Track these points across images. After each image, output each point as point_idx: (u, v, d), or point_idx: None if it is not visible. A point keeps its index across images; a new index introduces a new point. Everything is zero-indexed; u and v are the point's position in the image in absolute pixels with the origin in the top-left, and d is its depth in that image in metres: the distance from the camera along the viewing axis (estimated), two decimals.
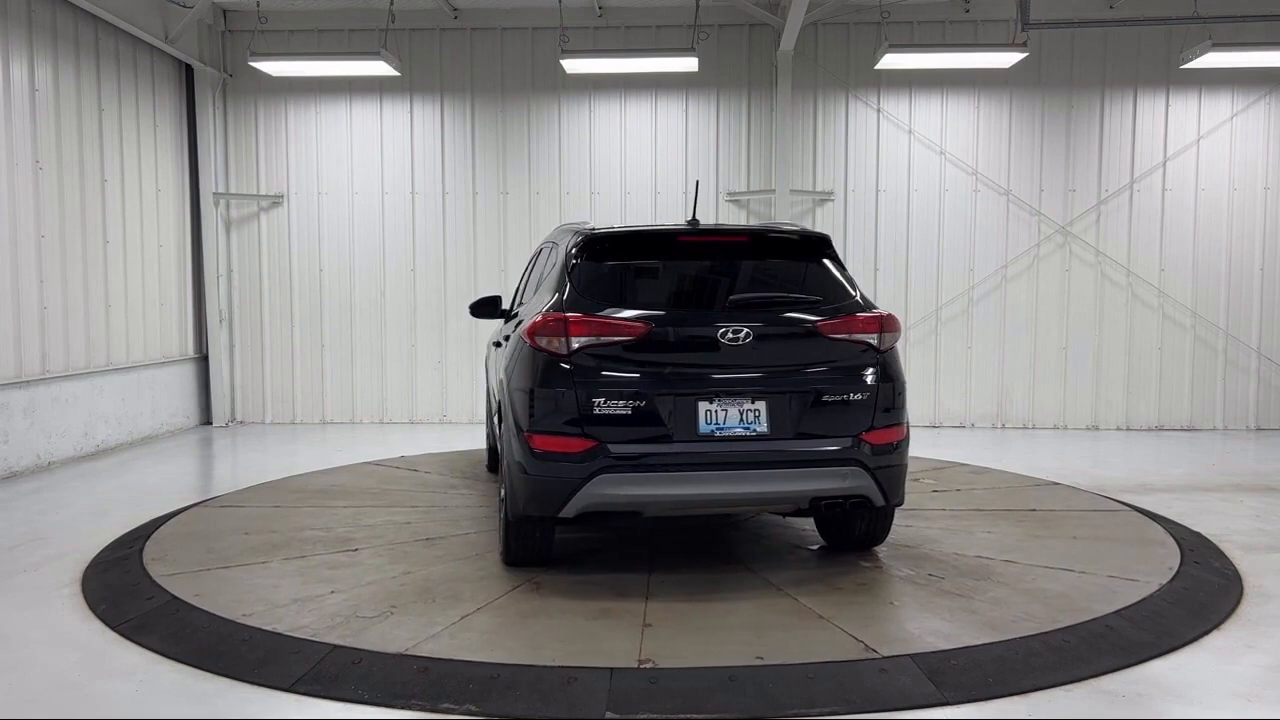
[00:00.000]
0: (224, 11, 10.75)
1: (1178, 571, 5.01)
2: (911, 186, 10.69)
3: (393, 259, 10.98)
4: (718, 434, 4.57)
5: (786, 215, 10.45)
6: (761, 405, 4.61)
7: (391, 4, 9.89)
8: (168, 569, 5.21)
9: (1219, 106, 10.45)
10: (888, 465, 4.73)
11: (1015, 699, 3.56)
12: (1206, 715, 3.46)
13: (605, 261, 4.95)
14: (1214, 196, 10.52)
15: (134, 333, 9.72)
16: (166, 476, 7.99)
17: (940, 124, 10.65)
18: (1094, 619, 4.27)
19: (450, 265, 10.92)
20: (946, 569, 5.06)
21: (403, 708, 3.50)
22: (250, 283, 11.11)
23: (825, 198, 10.70)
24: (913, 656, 3.85)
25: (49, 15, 8.47)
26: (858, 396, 4.69)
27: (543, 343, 4.63)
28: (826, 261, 5.09)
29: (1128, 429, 10.66)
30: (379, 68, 9.56)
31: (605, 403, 4.50)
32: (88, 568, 5.23)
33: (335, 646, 3.97)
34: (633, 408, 4.50)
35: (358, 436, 10.11)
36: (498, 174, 10.91)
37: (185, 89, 10.69)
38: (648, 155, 10.82)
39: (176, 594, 4.74)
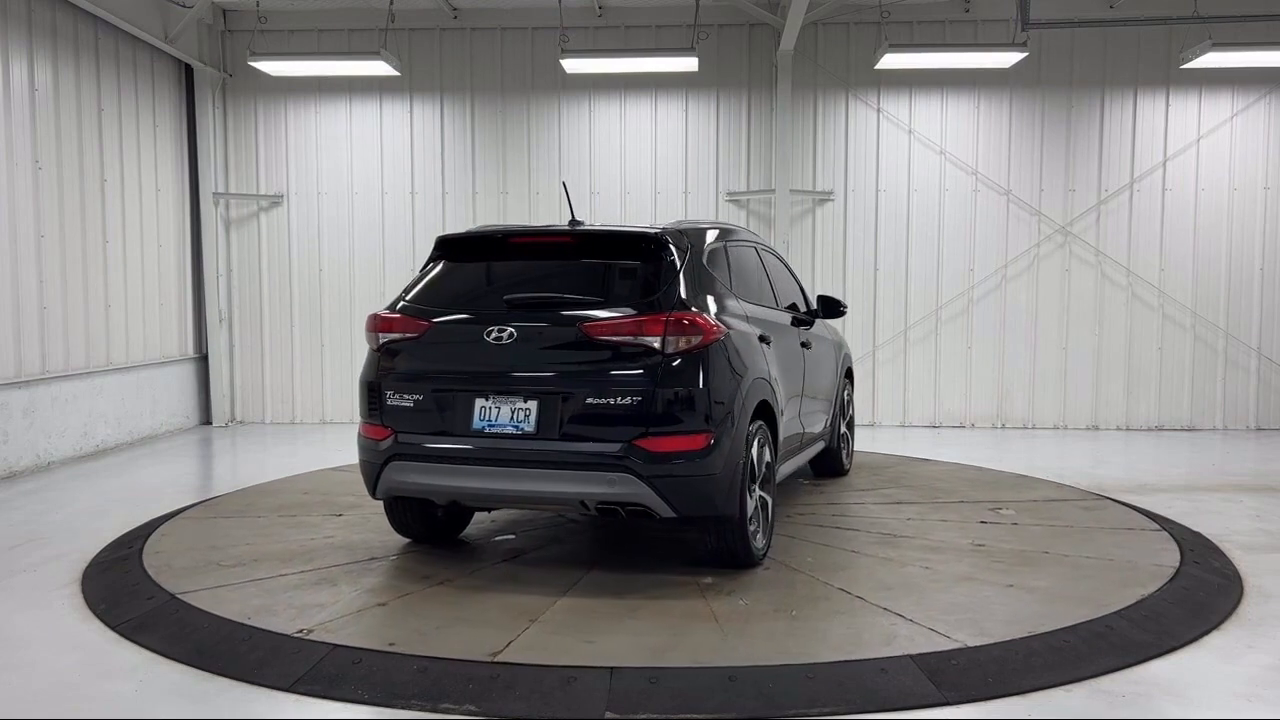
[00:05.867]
0: (224, 11, 10.75)
1: (1177, 571, 4.99)
2: (911, 186, 10.69)
3: (392, 259, 10.97)
4: (488, 430, 4.68)
5: (786, 215, 10.45)
6: (533, 405, 4.62)
7: (391, 4, 9.88)
8: (193, 514, 6.34)
9: (1219, 106, 10.45)
10: (671, 475, 4.48)
11: (1015, 699, 3.56)
12: (1206, 715, 3.46)
13: (445, 263, 5.22)
14: (1214, 196, 10.52)
15: (134, 333, 9.72)
16: (166, 476, 7.99)
17: (940, 124, 10.65)
18: (1094, 619, 4.26)
19: None
20: (774, 597, 4.56)
21: (402, 707, 3.50)
22: (250, 283, 11.10)
23: (825, 198, 10.70)
24: (913, 656, 3.84)
25: (49, 15, 8.47)
26: (627, 400, 4.50)
27: (368, 339, 5.12)
28: (655, 263, 4.82)
29: (1127, 429, 10.66)
30: (379, 68, 9.56)
31: (395, 395, 4.87)
32: (88, 568, 5.23)
33: (335, 646, 3.97)
34: (414, 401, 4.83)
35: None
36: (498, 174, 10.91)
37: (185, 89, 10.69)
38: (647, 155, 10.82)
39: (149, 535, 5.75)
